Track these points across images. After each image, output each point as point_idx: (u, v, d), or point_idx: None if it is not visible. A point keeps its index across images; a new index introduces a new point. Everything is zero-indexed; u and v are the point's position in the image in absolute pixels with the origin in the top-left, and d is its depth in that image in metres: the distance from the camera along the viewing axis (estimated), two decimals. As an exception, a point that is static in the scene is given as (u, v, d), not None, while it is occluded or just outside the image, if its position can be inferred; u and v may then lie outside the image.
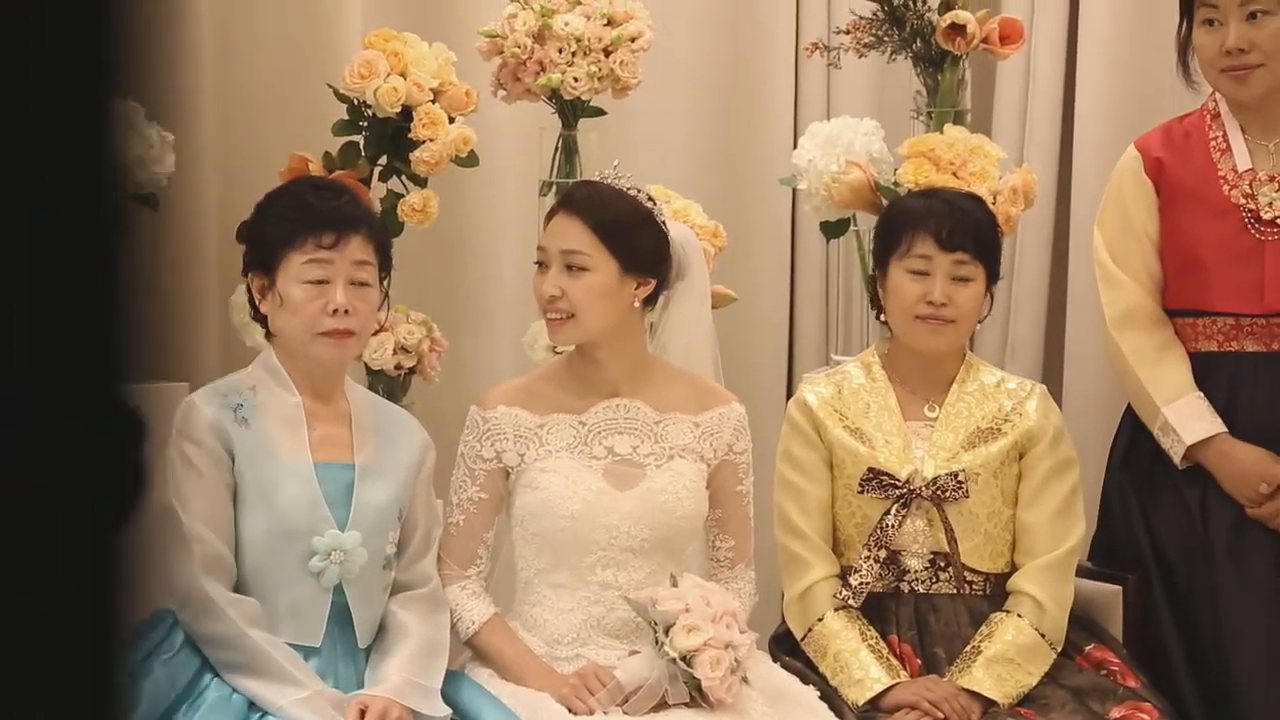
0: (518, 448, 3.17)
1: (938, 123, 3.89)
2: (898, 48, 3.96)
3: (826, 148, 3.83)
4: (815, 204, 3.89)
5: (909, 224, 3.31)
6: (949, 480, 3.28)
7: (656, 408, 3.21)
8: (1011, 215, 3.70)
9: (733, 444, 3.25)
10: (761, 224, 4.70)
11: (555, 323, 3.14)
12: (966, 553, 3.31)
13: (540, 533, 3.14)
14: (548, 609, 3.14)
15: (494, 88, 3.84)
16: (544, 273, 3.14)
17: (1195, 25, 3.50)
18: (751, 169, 4.68)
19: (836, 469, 3.36)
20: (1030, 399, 3.38)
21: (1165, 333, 3.56)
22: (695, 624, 2.93)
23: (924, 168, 3.68)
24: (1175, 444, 3.49)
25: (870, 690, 3.20)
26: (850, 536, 3.35)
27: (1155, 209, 3.55)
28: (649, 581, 3.10)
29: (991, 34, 3.86)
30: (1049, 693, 3.23)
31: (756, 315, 4.68)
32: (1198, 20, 3.49)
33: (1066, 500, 3.35)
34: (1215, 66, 3.47)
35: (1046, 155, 4.50)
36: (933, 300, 3.28)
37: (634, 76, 3.80)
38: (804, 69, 4.67)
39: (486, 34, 3.78)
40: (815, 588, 3.32)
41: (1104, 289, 3.58)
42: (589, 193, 3.16)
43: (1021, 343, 4.54)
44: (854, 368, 3.45)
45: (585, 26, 3.74)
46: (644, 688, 2.97)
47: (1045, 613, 3.27)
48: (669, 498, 3.15)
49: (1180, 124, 3.60)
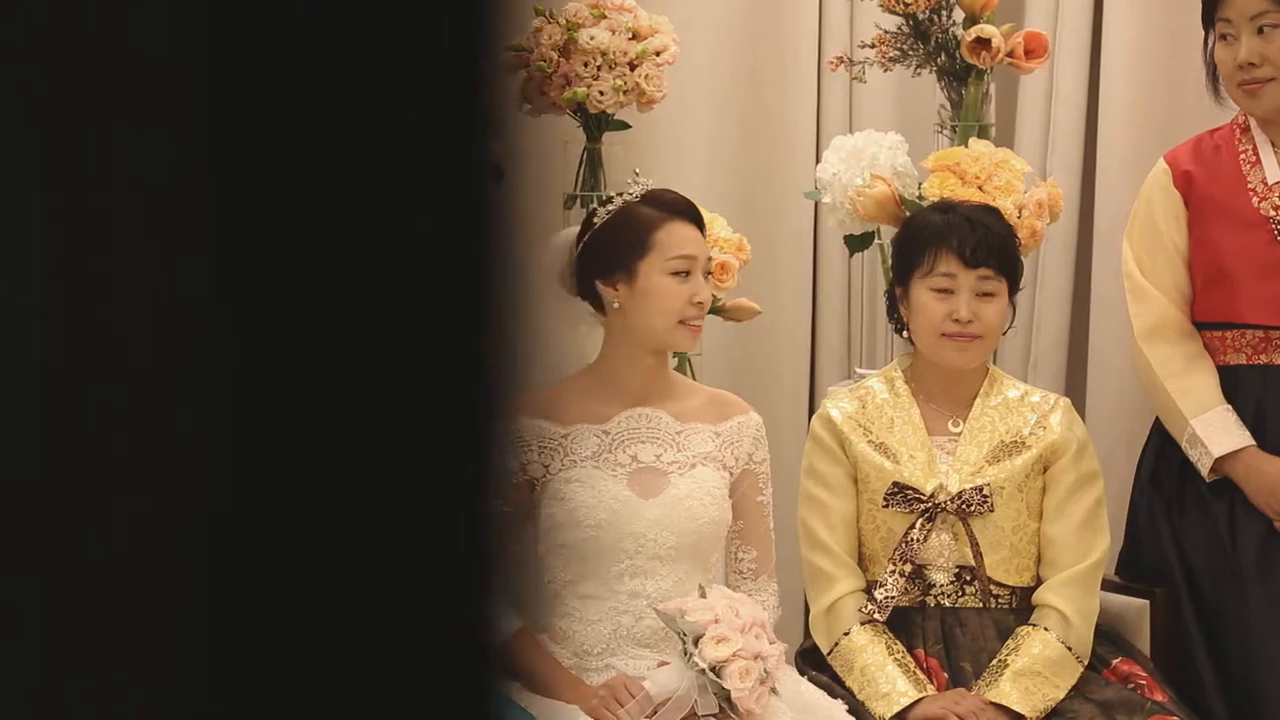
0: (542, 459, 3.18)
1: (962, 137, 3.89)
2: (922, 61, 3.96)
3: (851, 161, 3.83)
4: (840, 217, 3.89)
5: (931, 241, 3.31)
6: (974, 494, 3.28)
7: (677, 417, 3.23)
8: (1037, 229, 3.70)
9: (752, 453, 3.26)
10: (784, 237, 4.70)
11: (698, 329, 3.20)
12: (992, 566, 3.31)
13: (568, 543, 3.14)
14: (576, 620, 3.15)
15: (519, 101, 3.85)
16: (689, 280, 3.17)
17: (1215, 41, 3.51)
18: (774, 182, 4.68)
19: (861, 484, 3.36)
20: (1054, 412, 3.38)
21: (1193, 345, 3.56)
22: (724, 635, 2.93)
23: (949, 181, 3.68)
24: (1203, 456, 3.49)
25: (897, 704, 3.19)
26: (875, 551, 3.35)
27: (1184, 222, 3.55)
28: (676, 590, 3.10)
29: (1017, 48, 3.86)
30: (1076, 706, 3.23)
31: (779, 328, 4.68)
32: (1215, 36, 3.50)
33: (1091, 513, 3.35)
34: (1232, 81, 3.48)
35: (1070, 169, 4.50)
36: (959, 318, 3.28)
37: (659, 90, 3.81)
38: (827, 82, 4.68)
39: (512, 48, 3.79)
40: (841, 602, 3.32)
41: (1132, 301, 3.58)
42: (691, 203, 3.27)
43: (1044, 356, 4.54)
44: (877, 382, 3.45)
45: (610, 40, 3.75)
46: (673, 699, 2.96)
47: (1071, 626, 3.27)
48: (694, 503, 3.16)
49: (1210, 137, 3.60)
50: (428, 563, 0.90)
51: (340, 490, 0.88)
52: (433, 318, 0.89)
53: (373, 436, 0.88)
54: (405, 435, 0.89)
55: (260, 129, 0.86)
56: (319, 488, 0.87)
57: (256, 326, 0.87)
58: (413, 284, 0.88)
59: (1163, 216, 3.57)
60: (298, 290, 0.88)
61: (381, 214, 0.88)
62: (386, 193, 0.88)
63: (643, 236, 3.17)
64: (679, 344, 3.20)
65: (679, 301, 3.15)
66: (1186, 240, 3.56)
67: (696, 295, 3.15)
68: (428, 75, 0.88)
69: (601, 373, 3.25)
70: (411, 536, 0.89)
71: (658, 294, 3.15)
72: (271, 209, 0.87)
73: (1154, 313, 3.56)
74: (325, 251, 0.88)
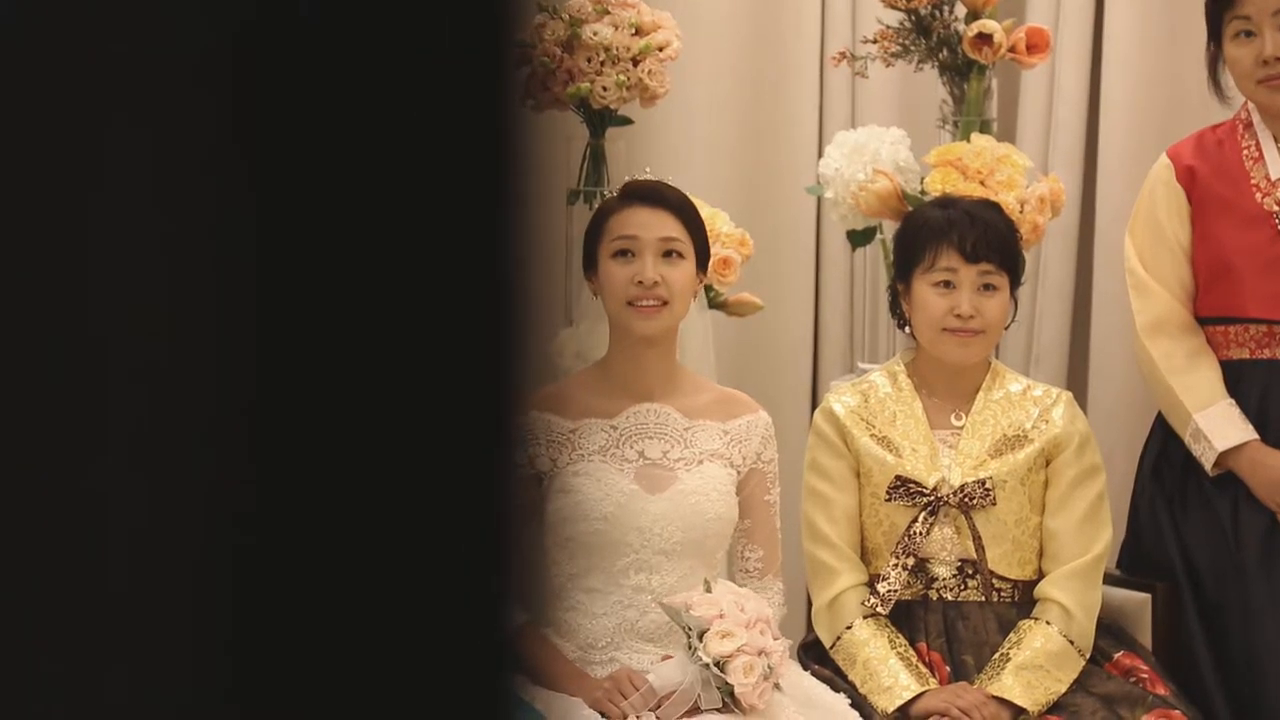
0: (550, 453, 3.19)
1: (964, 132, 3.89)
2: (924, 57, 3.96)
3: (853, 156, 3.84)
4: (842, 212, 3.90)
5: (931, 237, 3.32)
6: (976, 488, 3.29)
7: (685, 413, 3.23)
8: (1039, 224, 3.71)
9: (760, 452, 3.27)
10: (786, 232, 4.71)
11: (649, 309, 3.15)
12: (994, 560, 3.32)
13: (574, 537, 3.15)
14: (581, 614, 3.16)
15: (523, 97, 3.85)
16: (631, 261, 3.16)
17: (1227, 39, 3.50)
18: (777, 177, 4.69)
19: (863, 478, 3.37)
20: (1056, 406, 3.39)
21: (1196, 340, 3.56)
22: (729, 630, 2.94)
23: (951, 176, 3.69)
24: (1206, 451, 3.49)
25: (900, 698, 3.21)
26: (878, 545, 3.36)
27: (1187, 217, 3.56)
28: (681, 585, 3.11)
29: (1019, 43, 3.87)
30: (1078, 700, 3.24)
31: (781, 323, 4.69)
32: (1230, 34, 3.49)
33: (1093, 506, 3.35)
34: (1252, 78, 3.47)
35: (1071, 163, 4.51)
36: (961, 313, 3.29)
37: (662, 85, 3.81)
38: (829, 77, 4.68)
39: (515, 43, 3.79)
40: (843, 596, 3.33)
41: (1135, 297, 3.59)
42: (662, 187, 3.24)
43: (1046, 351, 4.54)
44: (880, 377, 3.46)
45: (614, 36, 3.75)
46: (677, 693, 2.97)
47: (1073, 619, 3.28)
48: (700, 499, 3.17)
49: (1213, 133, 3.61)
50: (446, 560, 0.91)
51: (359, 487, 0.88)
52: (451, 313, 0.90)
53: (393, 433, 0.89)
54: (425, 431, 0.90)
55: (272, 128, 0.87)
56: (339, 484, 0.88)
57: (274, 325, 0.88)
58: (431, 279, 0.89)
59: (1165, 212, 3.57)
60: (313, 286, 0.89)
61: (398, 209, 0.89)
62: (403, 188, 0.89)
63: (600, 225, 3.21)
64: (630, 327, 3.17)
65: (620, 283, 3.15)
66: (1189, 235, 3.56)
67: (638, 275, 3.14)
68: (445, 69, 0.89)
69: (608, 368, 3.26)
70: (430, 535, 0.90)
71: (605, 278, 3.17)
72: (288, 207, 0.88)
73: (1157, 308, 3.56)
74: (344, 247, 0.88)
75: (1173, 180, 3.57)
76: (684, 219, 3.20)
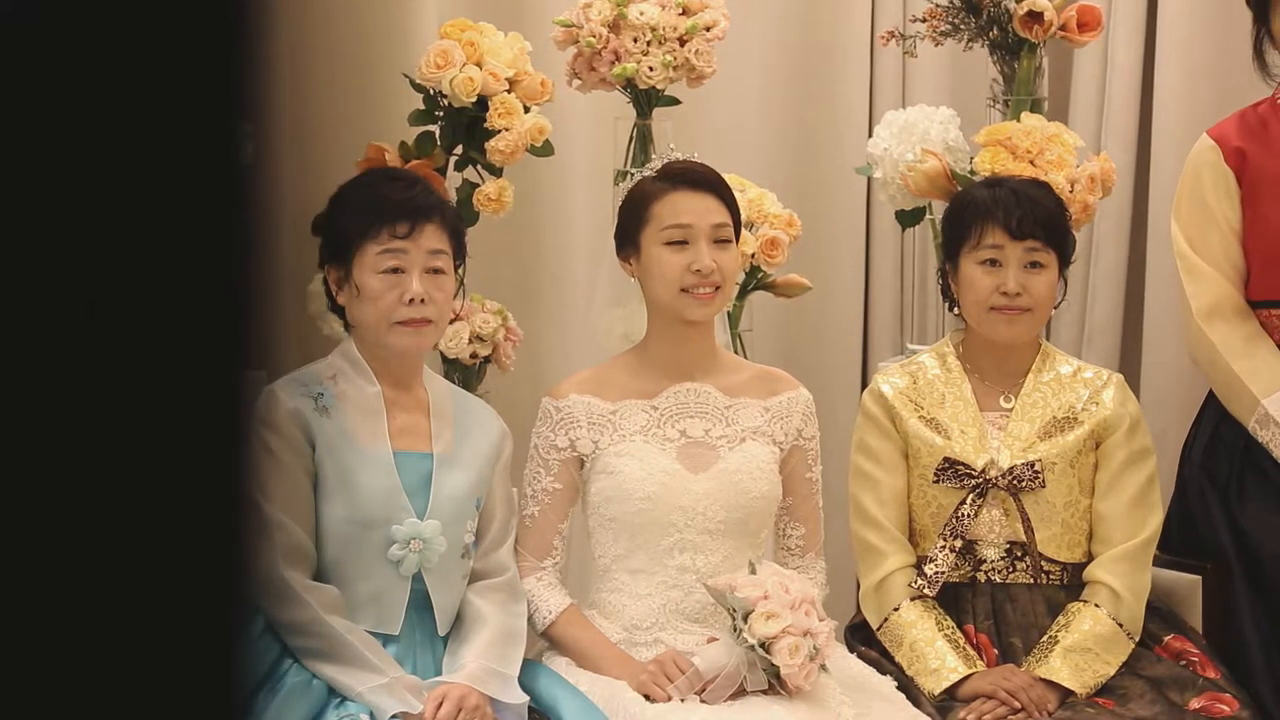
0: (591, 434, 3.18)
1: (1014, 111, 3.86)
2: (974, 35, 3.94)
3: (902, 136, 3.82)
4: (891, 193, 3.88)
5: (978, 215, 3.30)
6: (1025, 470, 3.27)
7: (725, 392, 3.23)
8: (1090, 203, 3.68)
9: (802, 429, 3.26)
10: (836, 212, 4.70)
11: (705, 296, 3.14)
12: (1043, 542, 3.29)
13: (617, 517, 3.15)
14: (626, 595, 3.15)
15: (569, 77, 3.85)
16: (685, 249, 3.14)
17: (1275, 17, 3.47)
18: (826, 157, 4.67)
19: (912, 459, 3.35)
20: (1107, 388, 3.37)
21: (1252, 324, 3.52)
22: (774, 611, 2.93)
23: (1001, 156, 3.67)
24: (1276, 436, 3.44)
25: (946, 680, 3.19)
26: (926, 526, 3.34)
27: (1237, 199, 3.52)
28: (726, 565, 3.11)
29: (1069, 21, 3.83)
30: (1127, 683, 3.21)
31: (831, 304, 4.68)
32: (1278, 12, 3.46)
33: (1143, 489, 3.33)
34: None
35: (1124, 142, 4.47)
36: (1007, 291, 3.27)
37: (709, 65, 3.80)
38: (879, 57, 4.66)
39: (562, 23, 3.79)
40: (891, 578, 3.31)
41: (1187, 281, 3.54)
42: (704, 169, 3.21)
43: (1099, 331, 4.51)
44: (929, 358, 3.44)
45: (660, 15, 3.74)
46: (722, 675, 2.96)
47: (1122, 602, 3.26)
48: (743, 477, 3.16)
49: (1254, 111, 3.57)
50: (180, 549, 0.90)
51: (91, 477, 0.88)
52: (185, 309, 0.89)
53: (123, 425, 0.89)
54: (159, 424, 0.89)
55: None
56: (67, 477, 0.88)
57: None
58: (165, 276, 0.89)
59: (1213, 193, 3.53)
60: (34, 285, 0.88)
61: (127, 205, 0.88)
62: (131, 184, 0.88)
63: (643, 209, 3.18)
64: (685, 313, 3.16)
65: (676, 270, 3.13)
66: (1240, 217, 3.52)
67: (694, 263, 3.13)
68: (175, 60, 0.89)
69: (647, 349, 3.25)
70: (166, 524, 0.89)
71: (655, 264, 3.15)
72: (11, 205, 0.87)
73: (1211, 291, 3.52)
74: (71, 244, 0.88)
75: (1220, 162, 3.52)
76: (727, 202, 3.20)
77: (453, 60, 3.65)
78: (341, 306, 3.08)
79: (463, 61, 3.65)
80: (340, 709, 2.84)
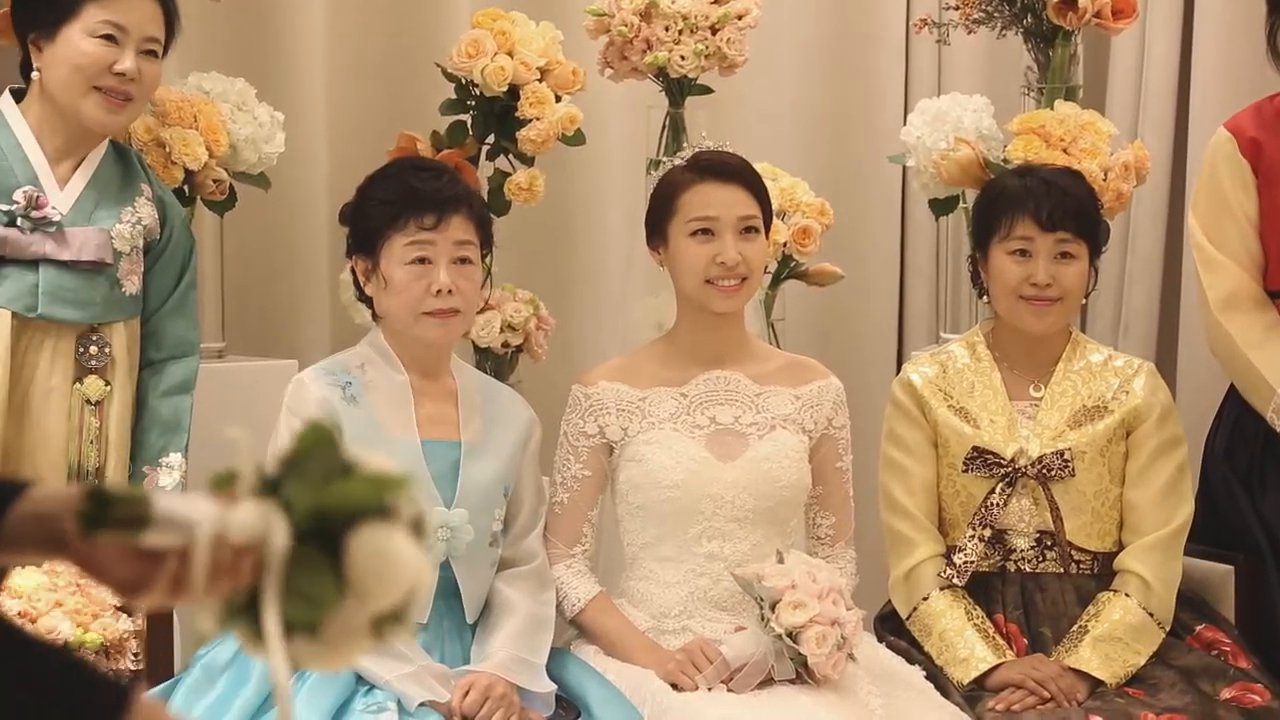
0: (620, 421, 3.18)
1: (1048, 99, 3.85)
2: (1008, 23, 3.92)
3: (935, 124, 3.81)
4: (924, 181, 3.87)
5: (1009, 206, 3.29)
6: (1055, 459, 3.26)
7: (755, 379, 3.22)
8: (1123, 191, 3.66)
9: (832, 418, 3.25)
10: (871, 201, 4.69)
11: (730, 288, 3.14)
12: (1073, 531, 3.28)
13: (645, 505, 3.15)
14: (654, 583, 3.15)
15: (601, 66, 3.85)
16: (710, 240, 3.14)
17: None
18: (861, 146, 4.66)
19: (941, 448, 3.35)
20: (1138, 376, 3.35)
21: (1270, 314, 3.50)
22: (801, 600, 2.93)
23: (1034, 144, 3.65)
24: None
25: (976, 669, 3.18)
26: (955, 515, 3.33)
27: (1253, 190, 3.50)
28: (754, 554, 3.10)
29: (1104, 9, 3.81)
30: (1158, 673, 3.20)
31: (866, 293, 4.67)
32: None
33: (1174, 479, 3.31)
34: None
35: (1161, 131, 4.45)
36: (1036, 281, 3.26)
37: (741, 54, 3.79)
38: (914, 45, 4.65)
39: (594, 12, 3.79)
40: (921, 567, 3.31)
41: (1204, 272, 3.52)
42: (733, 160, 3.21)
43: (1135, 319, 4.49)
44: (959, 347, 3.43)
45: (692, 4, 3.74)
46: (750, 664, 2.97)
47: (1153, 592, 3.24)
48: (773, 466, 3.15)
49: (1271, 103, 3.55)
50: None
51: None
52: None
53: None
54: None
55: None
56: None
57: None
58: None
59: (1230, 185, 3.51)
60: None
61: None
62: None
63: (670, 200, 3.17)
64: (710, 304, 3.15)
65: (701, 262, 3.13)
66: (1257, 208, 3.50)
67: (719, 255, 3.12)
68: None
69: (676, 337, 3.26)
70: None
71: (682, 255, 3.15)
72: None
73: (1228, 283, 3.50)
74: None
75: (1236, 154, 3.50)
76: (756, 193, 3.19)
77: (484, 50, 3.65)
78: (369, 297, 3.09)
79: (494, 51, 3.66)
80: (368, 697, 2.85)
